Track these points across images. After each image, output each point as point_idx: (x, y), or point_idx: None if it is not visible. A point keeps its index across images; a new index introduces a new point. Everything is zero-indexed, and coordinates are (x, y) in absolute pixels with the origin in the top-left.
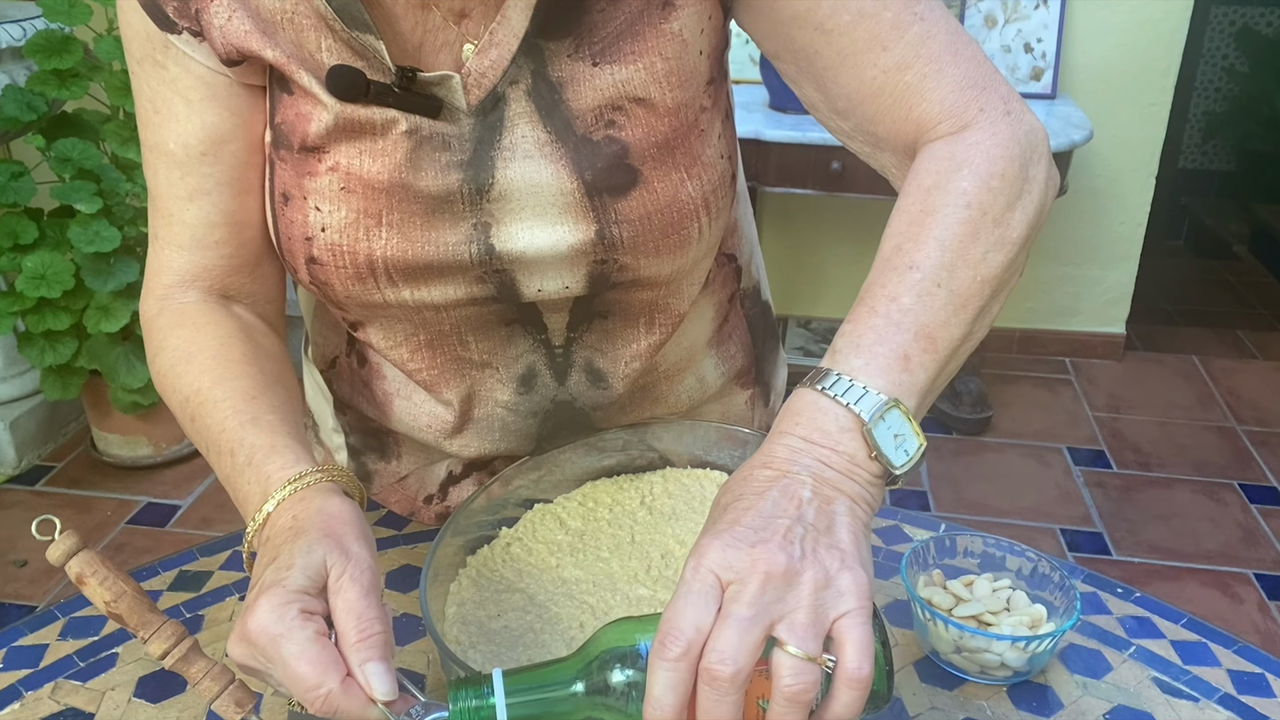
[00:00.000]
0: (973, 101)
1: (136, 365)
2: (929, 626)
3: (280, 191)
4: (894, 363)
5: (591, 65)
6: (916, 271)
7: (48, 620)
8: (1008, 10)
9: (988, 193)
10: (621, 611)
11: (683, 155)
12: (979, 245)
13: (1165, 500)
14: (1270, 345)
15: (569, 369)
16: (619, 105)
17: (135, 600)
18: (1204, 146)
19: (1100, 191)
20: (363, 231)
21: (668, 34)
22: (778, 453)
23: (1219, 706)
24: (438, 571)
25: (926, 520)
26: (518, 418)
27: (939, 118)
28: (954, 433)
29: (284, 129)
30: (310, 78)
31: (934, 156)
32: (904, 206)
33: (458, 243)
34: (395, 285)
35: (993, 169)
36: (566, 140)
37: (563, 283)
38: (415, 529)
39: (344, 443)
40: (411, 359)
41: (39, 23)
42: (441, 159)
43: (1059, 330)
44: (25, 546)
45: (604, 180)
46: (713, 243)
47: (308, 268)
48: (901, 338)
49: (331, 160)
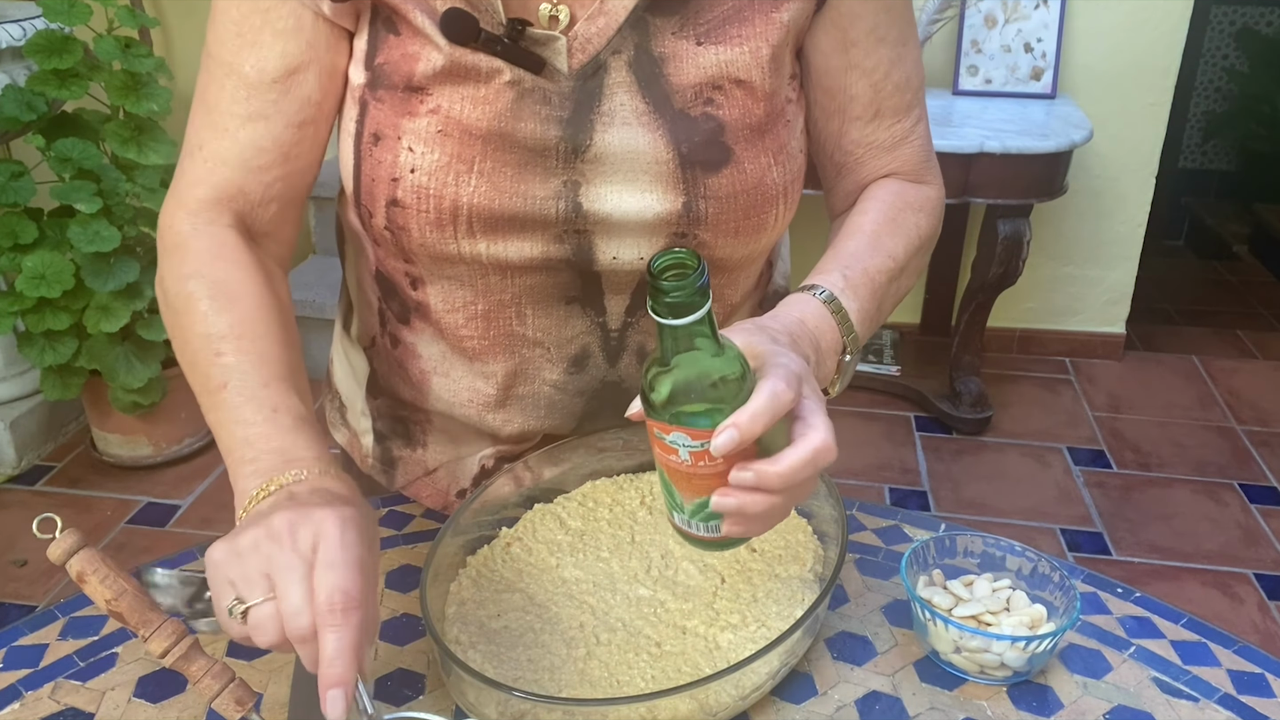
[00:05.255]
0: (928, 172)
1: (136, 365)
2: (929, 626)
3: (371, 132)
4: (867, 320)
5: (695, 44)
6: (893, 261)
7: (48, 620)
8: (1008, 10)
9: (931, 237)
10: (621, 612)
11: (772, 141)
12: (915, 264)
13: (1165, 500)
14: (1270, 345)
15: (622, 351)
16: (719, 85)
17: (136, 599)
18: (1204, 146)
19: (1100, 191)
20: (453, 176)
21: (776, 23)
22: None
23: (1219, 706)
24: (438, 571)
25: (926, 520)
26: (565, 396)
27: (908, 173)
28: (954, 433)
29: (386, 69)
30: (424, 18)
31: (903, 191)
32: (879, 206)
33: (546, 197)
34: (474, 236)
35: (936, 224)
36: (664, 112)
37: (639, 252)
38: (415, 529)
39: (370, 426)
40: (465, 325)
41: (39, 23)
42: (542, 112)
43: (1059, 330)
44: (25, 546)
45: (699, 154)
46: (780, 233)
47: (387, 211)
48: (873, 304)
49: (434, 103)
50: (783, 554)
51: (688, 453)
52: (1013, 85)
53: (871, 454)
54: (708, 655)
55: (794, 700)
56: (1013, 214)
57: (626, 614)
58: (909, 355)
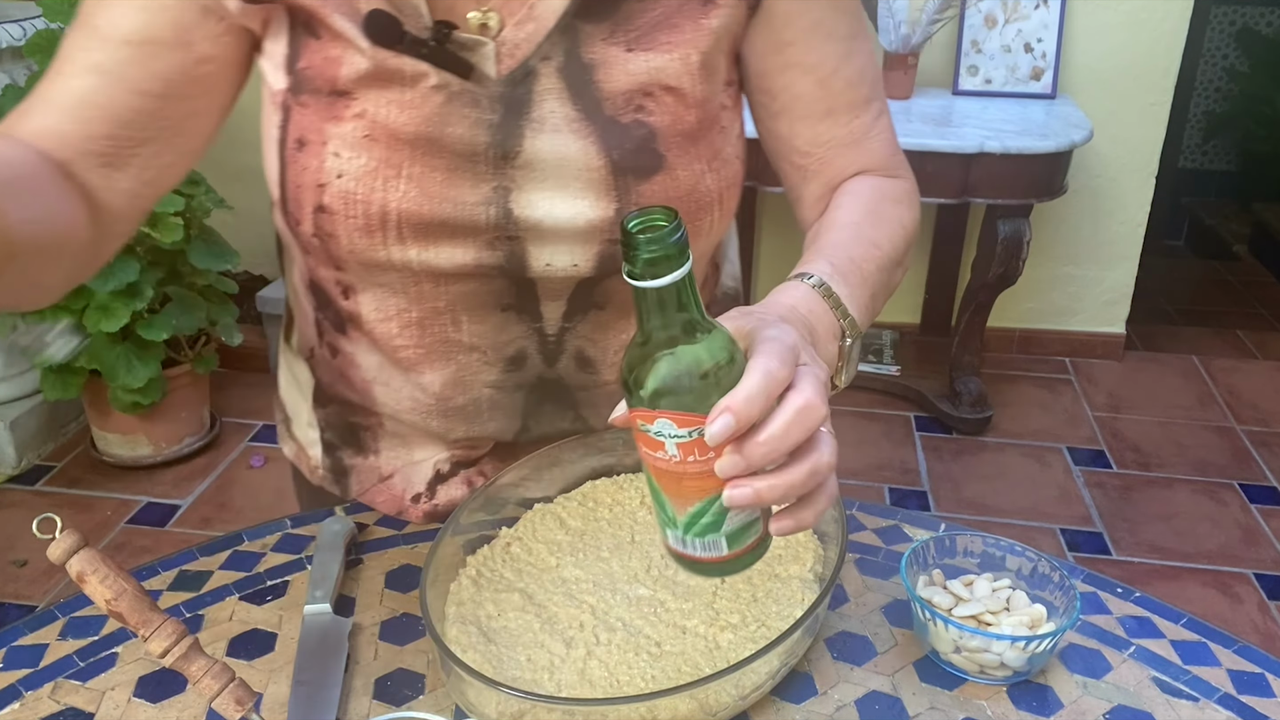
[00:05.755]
0: (899, 166)
1: (136, 365)
2: (929, 626)
3: (295, 137)
4: (861, 306)
5: (625, 51)
6: (878, 250)
7: (47, 620)
8: (1008, 10)
9: (913, 228)
10: (622, 611)
11: (705, 148)
12: (901, 255)
13: (1165, 500)
14: (1270, 345)
15: (560, 354)
16: (649, 91)
17: (136, 598)
18: (1204, 146)
19: (1100, 191)
20: (380, 181)
21: (705, 29)
22: (795, 324)
23: (1219, 706)
24: (438, 571)
25: (926, 520)
26: (504, 394)
27: (878, 169)
28: (954, 433)
29: (309, 73)
30: (345, 21)
31: (878, 184)
32: (857, 201)
33: (476, 203)
34: (404, 242)
35: (915, 215)
36: (595, 119)
37: (572, 260)
38: (415, 529)
39: (319, 437)
40: (400, 334)
41: (39, 23)
42: (471, 116)
43: (1059, 330)
44: (25, 546)
45: (631, 161)
46: (718, 238)
47: (315, 217)
48: (865, 291)
49: (359, 107)
50: (783, 554)
51: (675, 445)
52: (1013, 85)
53: (871, 454)
54: (708, 655)
55: (794, 700)
56: (1013, 214)
57: (626, 614)
58: (909, 355)
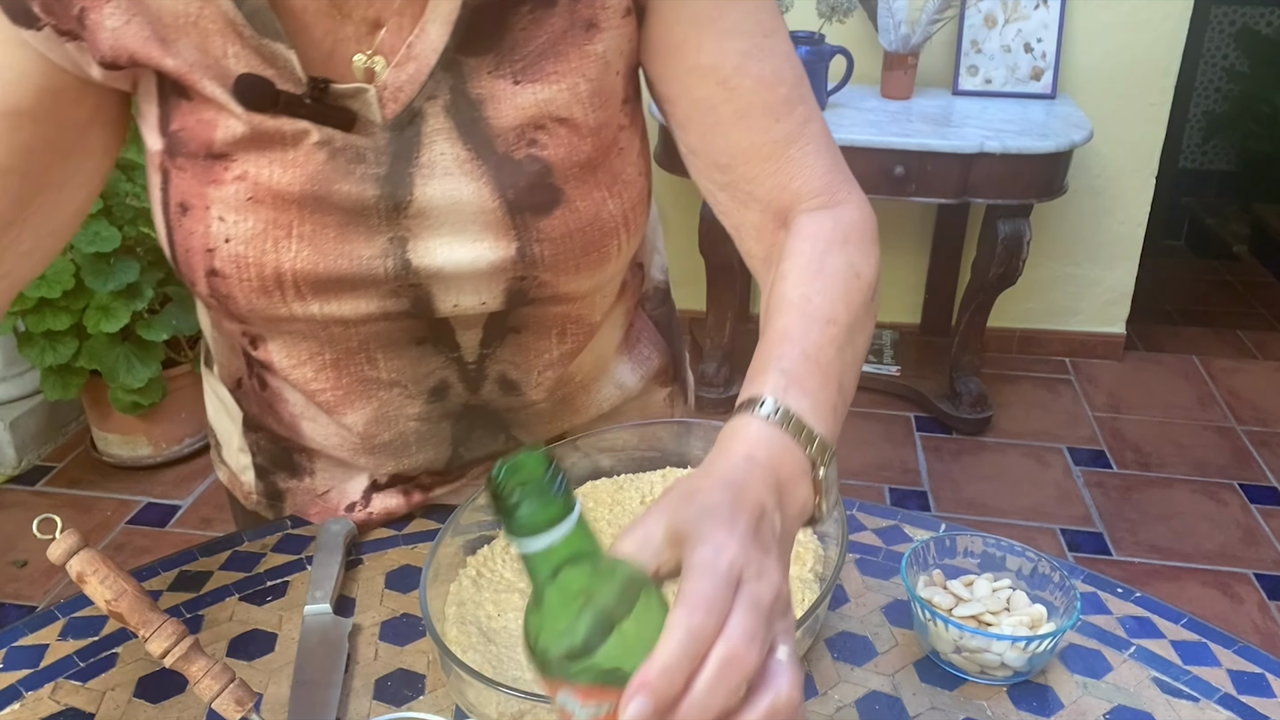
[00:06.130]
0: (841, 185)
1: (136, 365)
2: (929, 626)
3: (177, 202)
4: (830, 414)
5: (513, 83)
6: (834, 326)
7: (48, 620)
8: (1008, 10)
9: (868, 268)
10: None
11: (604, 174)
12: (866, 319)
13: (1165, 500)
14: (1270, 345)
15: (482, 381)
16: (541, 124)
17: (136, 599)
18: (1204, 146)
19: (1100, 191)
20: (271, 243)
21: (591, 55)
22: (752, 487)
23: (1219, 706)
24: (438, 571)
25: (926, 520)
26: (430, 425)
27: (816, 193)
28: (954, 433)
29: (183, 135)
30: (215, 86)
31: (819, 223)
32: (799, 262)
33: (372, 256)
34: (304, 299)
35: (870, 250)
36: (487, 158)
37: (480, 299)
38: (415, 529)
39: (251, 462)
40: (315, 378)
41: None
42: (356, 171)
43: (1059, 330)
44: (25, 546)
45: (526, 199)
46: (629, 258)
47: (208, 280)
48: (830, 387)
49: (239, 169)
50: None
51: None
52: (1013, 85)
53: (871, 454)
54: None
55: None
56: (1013, 214)
57: None
58: (909, 355)
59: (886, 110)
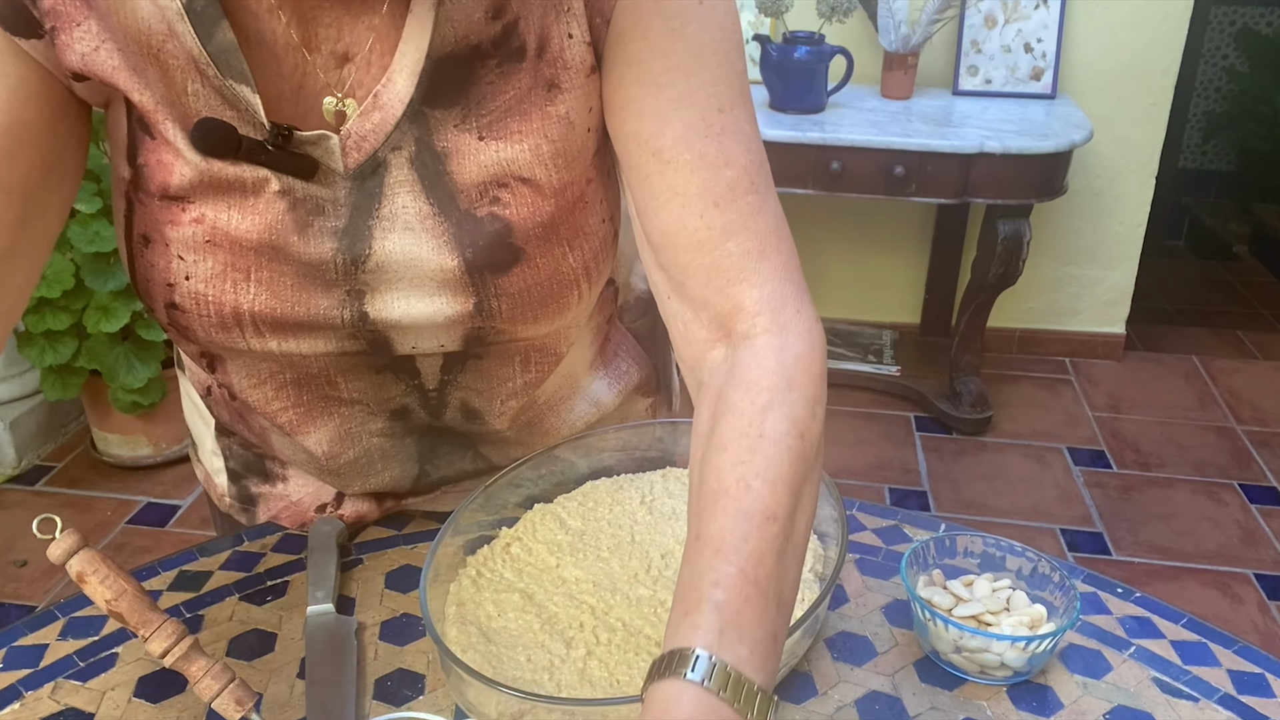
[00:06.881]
0: (789, 300)
1: (136, 365)
2: (929, 626)
3: (140, 233)
4: (771, 648)
5: (478, 139)
6: (774, 524)
7: (48, 620)
8: (1008, 10)
9: (814, 422)
10: (622, 611)
11: (566, 230)
12: (810, 488)
13: (1165, 500)
14: (1270, 345)
15: (444, 408)
16: (504, 182)
17: (136, 599)
18: (1204, 146)
19: (1100, 191)
20: (230, 284)
21: (554, 116)
22: None
23: (1219, 706)
24: (438, 571)
25: (926, 520)
26: (393, 440)
27: (758, 308)
28: (954, 433)
29: (145, 172)
30: (175, 128)
31: (760, 365)
32: (738, 426)
33: (329, 306)
34: (262, 336)
35: (817, 394)
36: (449, 214)
37: (438, 342)
38: (415, 529)
39: (224, 466)
40: (276, 398)
41: None
42: (315, 224)
43: (1059, 330)
44: (25, 546)
45: (485, 258)
46: (593, 302)
47: (167, 312)
48: (770, 611)
49: (196, 212)
50: None
51: None
52: (1013, 85)
53: (871, 454)
54: None
55: (794, 700)
56: (1013, 214)
57: (626, 614)
58: (909, 355)
59: (886, 110)
